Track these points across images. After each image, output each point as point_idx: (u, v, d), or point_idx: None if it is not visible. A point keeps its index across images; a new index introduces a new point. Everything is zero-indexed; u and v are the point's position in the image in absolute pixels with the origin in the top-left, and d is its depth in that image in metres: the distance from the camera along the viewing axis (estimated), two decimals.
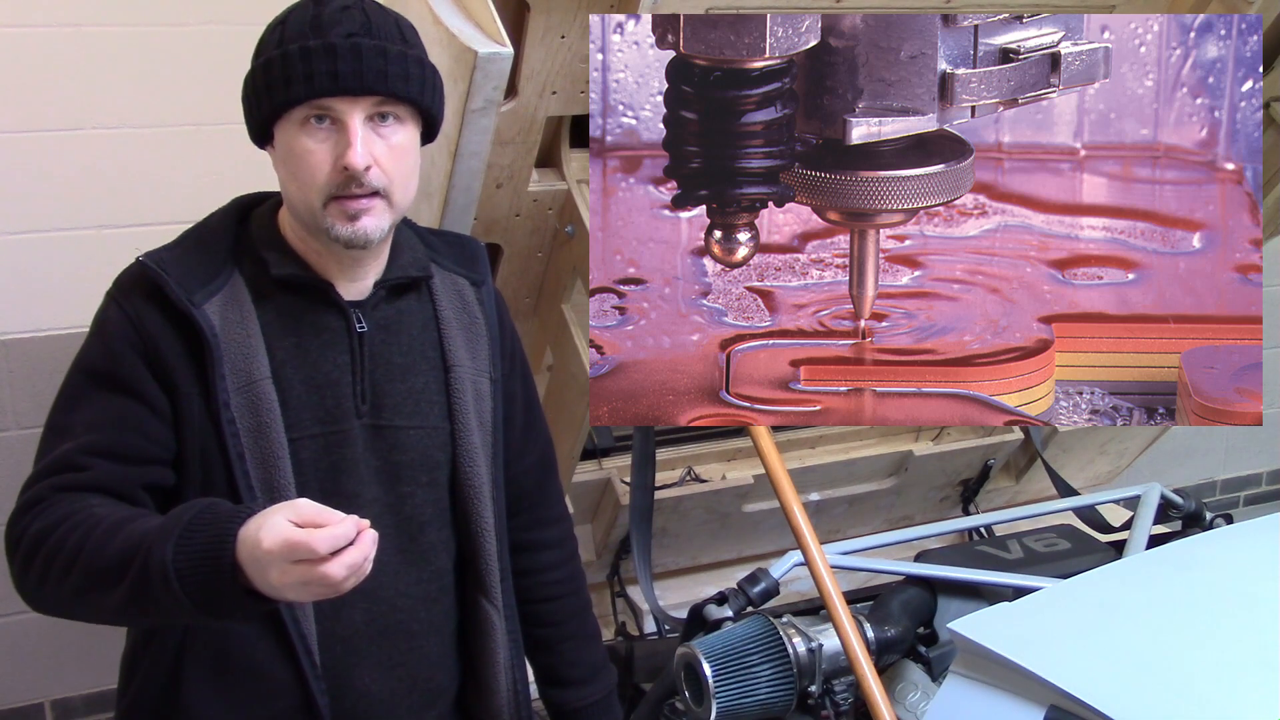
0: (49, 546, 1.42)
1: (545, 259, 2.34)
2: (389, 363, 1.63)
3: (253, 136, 1.58)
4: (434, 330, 1.67)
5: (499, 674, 1.73)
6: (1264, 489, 4.89)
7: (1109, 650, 1.62)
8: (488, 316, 1.74)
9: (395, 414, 1.63)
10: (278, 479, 1.53)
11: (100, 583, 1.38)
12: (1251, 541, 1.97)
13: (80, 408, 1.53)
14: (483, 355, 1.72)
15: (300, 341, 1.58)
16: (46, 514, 1.45)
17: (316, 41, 1.47)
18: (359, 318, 1.60)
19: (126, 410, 1.51)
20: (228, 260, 1.58)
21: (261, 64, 1.51)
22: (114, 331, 1.53)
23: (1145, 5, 2.41)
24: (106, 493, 1.48)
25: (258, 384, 1.53)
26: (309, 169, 1.50)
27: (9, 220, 2.90)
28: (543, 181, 2.19)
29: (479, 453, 1.68)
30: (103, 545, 1.38)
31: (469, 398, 1.68)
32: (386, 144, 1.52)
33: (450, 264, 1.73)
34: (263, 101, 1.51)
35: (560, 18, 1.94)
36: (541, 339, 2.46)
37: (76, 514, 1.43)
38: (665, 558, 2.68)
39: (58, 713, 3.20)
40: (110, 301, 1.57)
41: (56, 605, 1.48)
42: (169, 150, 2.96)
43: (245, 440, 1.52)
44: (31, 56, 2.84)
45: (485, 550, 1.70)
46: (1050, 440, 2.92)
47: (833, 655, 1.82)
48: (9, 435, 2.99)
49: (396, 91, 1.50)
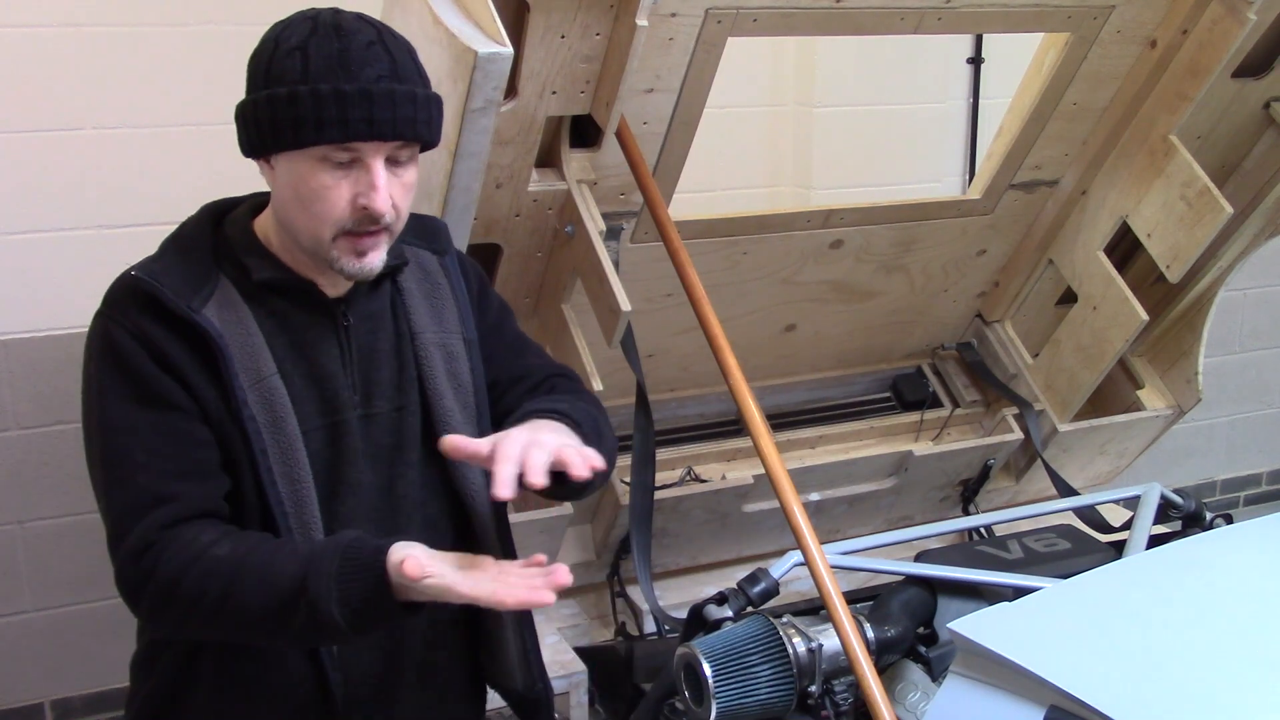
0: (184, 596, 1.47)
1: (545, 259, 2.34)
2: (374, 350, 1.66)
3: (246, 150, 1.56)
4: (402, 308, 1.70)
5: (506, 634, 1.75)
6: (1264, 489, 4.89)
7: (1109, 650, 1.62)
8: (453, 281, 1.75)
9: (382, 400, 1.66)
10: (296, 471, 1.56)
11: (254, 627, 1.49)
12: (1251, 541, 1.97)
13: (132, 437, 1.52)
14: (451, 318, 1.72)
15: (293, 339, 1.60)
16: (166, 559, 1.48)
17: (351, 86, 1.46)
18: (344, 313, 1.63)
19: (175, 426, 1.52)
20: (212, 266, 1.59)
21: (285, 96, 1.48)
22: (126, 351, 1.52)
23: (1145, 5, 2.42)
24: (204, 515, 1.52)
25: (267, 379, 1.55)
26: (325, 205, 1.51)
27: (9, 220, 2.90)
28: (543, 181, 2.18)
29: (455, 416, 1.69)
30: (250, 597, 1.46)
31: (438, 362, 1.69)
32: (400, 182, 1.54)
33: (414, 239, 1.73)
34: (284, 134, 1.49)
35: (560, 18, 1.94)
36: (541, 339, 2.46)
37: (200, 560, 1.47)
38: (665, 558, 2.68)
39: (58, 713, 3.20)
40: (108, 323, 1.54)
41: (199, 635, 1.57)
42: (169, 150, 2.96)
43: (266, 436, 1.54)
44: (31, 56, 2.84)
45: (479, 512, 1.71)
46: (1050, 440, 2.92)
47: (833, 655, 1.82)
48: (9, 435, 2.99)
49: (421, 136, 1.53)
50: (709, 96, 2.24)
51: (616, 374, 2.36)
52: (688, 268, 2.12)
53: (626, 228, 2.40)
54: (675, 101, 2.21)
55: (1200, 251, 2.58)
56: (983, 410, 3.04)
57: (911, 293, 2.86)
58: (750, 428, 2.01)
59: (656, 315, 2.54)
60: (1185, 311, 3.04)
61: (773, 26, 2.17)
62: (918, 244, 2.75)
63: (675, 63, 2.14)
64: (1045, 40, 2.53)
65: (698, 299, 2.10)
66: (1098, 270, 2.74)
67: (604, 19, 1.97)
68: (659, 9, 2.00)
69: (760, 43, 3.49)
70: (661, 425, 2.65)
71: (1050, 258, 2.87)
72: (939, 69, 3.80)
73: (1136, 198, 2.64)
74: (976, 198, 2.73)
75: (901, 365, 3.05)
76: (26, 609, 3.10)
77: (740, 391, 2.03)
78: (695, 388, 2.80)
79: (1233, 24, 2.39)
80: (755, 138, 3.69)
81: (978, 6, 2.29)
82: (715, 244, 2.51)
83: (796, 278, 2.68)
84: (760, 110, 3.68)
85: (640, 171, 2.15)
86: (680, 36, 2.10)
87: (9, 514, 3.04)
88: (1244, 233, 2.93)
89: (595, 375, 2.24)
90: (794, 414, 2.93)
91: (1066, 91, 2.54)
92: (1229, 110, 2.73)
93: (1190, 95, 2.51)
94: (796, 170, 3.72)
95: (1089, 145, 2.69)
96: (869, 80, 3.66)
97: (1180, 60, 2.50)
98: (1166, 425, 3.09)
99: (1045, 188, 2.77)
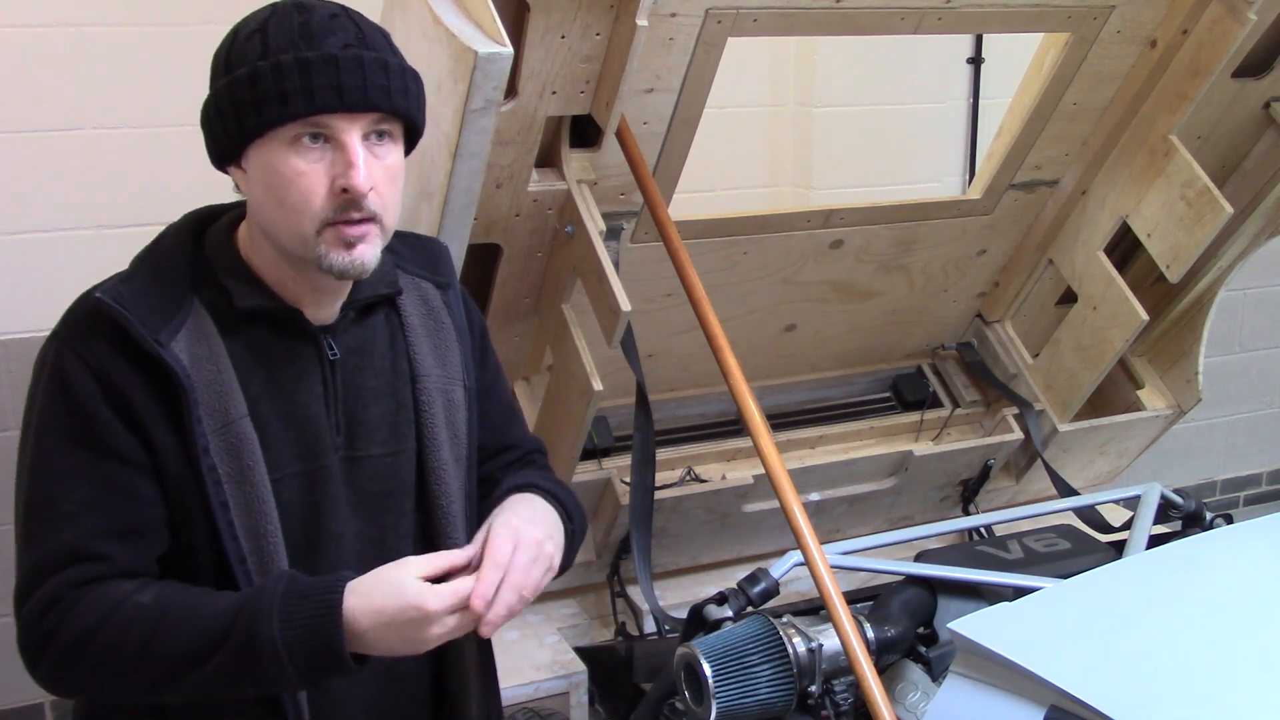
0: (100, 646, 1.36)
1: (545, 259, 2.34)
2: (361, 388, 1.53)
3: (216, 157, 1.44)
4: (402, 341, 1.58)
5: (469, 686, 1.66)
6: (1264, 489, 4.89)
7: (1109, 650, 1.62)
8: (456, 320, 1.64)
9: (369, 442, 1.53)
10: (264, 525, 1.43)
11: (179, 670, 1.36)
12: (1251, 541, 1.97)
13: (66, 483, 1.39)
14: (454, 362, 1.61)
15: (271, 374, 1.47)
16: (76, 614, 1.37)
17: (313, 53, 1.35)
18: (330, 344, 1.51)
19: (116, 477, 1.39)
20: (187, 290, 1.44)
21: (244, 75, 1.36)
22: (79, 387, 1.38)
23: (1145, 5, 2.42)
24: (127, 577, 1.40)
25: (235, 424, 1.41)
26: (301, 192, 1.37)
27: (9, 220, 2.90)
28: (543, 181, 2.18)
29: (449, 470, 1.59)
30: (177, 636, 1.35)
31: (439, 410, 1.58)
32: (382, 165, 1.41)
33: (415, 268, 1.63)
34: (246, 118, 1.36)
35: (560, 18, 1.94)
36: (541, 339, 2.46)
37: (120, 609, 1.36)
38: (665, 558, 2.68)
39: (58, 713, 3.20)
40: (63, 350, 1.41)
41: (111, 691, 1.43)
42: (169, 150, 2.96)
43: (228, 487, 1.41)
44: (31, 56, 2.84)
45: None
46: (1050, 440, 2.92)
47: (833, 655, 1.81)
48: (9, 435, 2.99)
49: (398, 107, 1.41)
50: (709, 96, 2.24)
51: (616, 374, 2.36)
52: (688, 268, 2.12)
53: (626, 228, 2.40)
54: (675, 101, 2.21)
55: (1200, 251, 2.58)
56: (983, 410, 3.04)
57: (911, 293, 2.86)
58: (750, 428, 2.01)
59: (656, 315, 2.54)
60: (1185, 311, 3.04)
61: (773, 26, 2.17)
62: (918, 244, 2.75)
63: (675, 63, 2.14)
64: (1045, 40, 2.53)
65: (698, 299, 2.10)
66: (1098, 270, 2.74)
67: (604, 19, 1.97)
68: (659, 9, 2.00)
69: (760, 43, 3.49)
70: (661, 425, 2.65)
71: (1050, 258, 2.87)
72: (939, 69, 3.80)
73: (1136, 198, 2.64)
74: (976, 198, 2.73)
75: (901, 365, 3.05)
76: None
77: (740, 391, 2.03)
78: (695, 388, 2.80)
79: (1233, 24, 2.39)
80: (755, 138, 3.69)
81: (978, 6, 2.29)
82: (715, 244, 2.51)
83: (796, 278, 2.68)
84: (760, 110, 3.68)
85: (640, 171, 2.15)
86: (680, 36, 2.10)
87: (8, 514, 3.03)
88: (1244, 233, 2.93)
89: (595, 375, 2.24)
90: (794, 414, 2.93)
91: (1066, 91, 2.54)
92: (1229, 110, 2.73)
93: (1190, 95, 2.51)
94: (796, 170, 3.72)
95: (1089, 145, 2.69)
96: (869, 80, 3.66)
97: (1180, 60, 2.50)
98: (1166, 425, 3.09)
99: (1045, 188, 2.77)
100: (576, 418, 2.32)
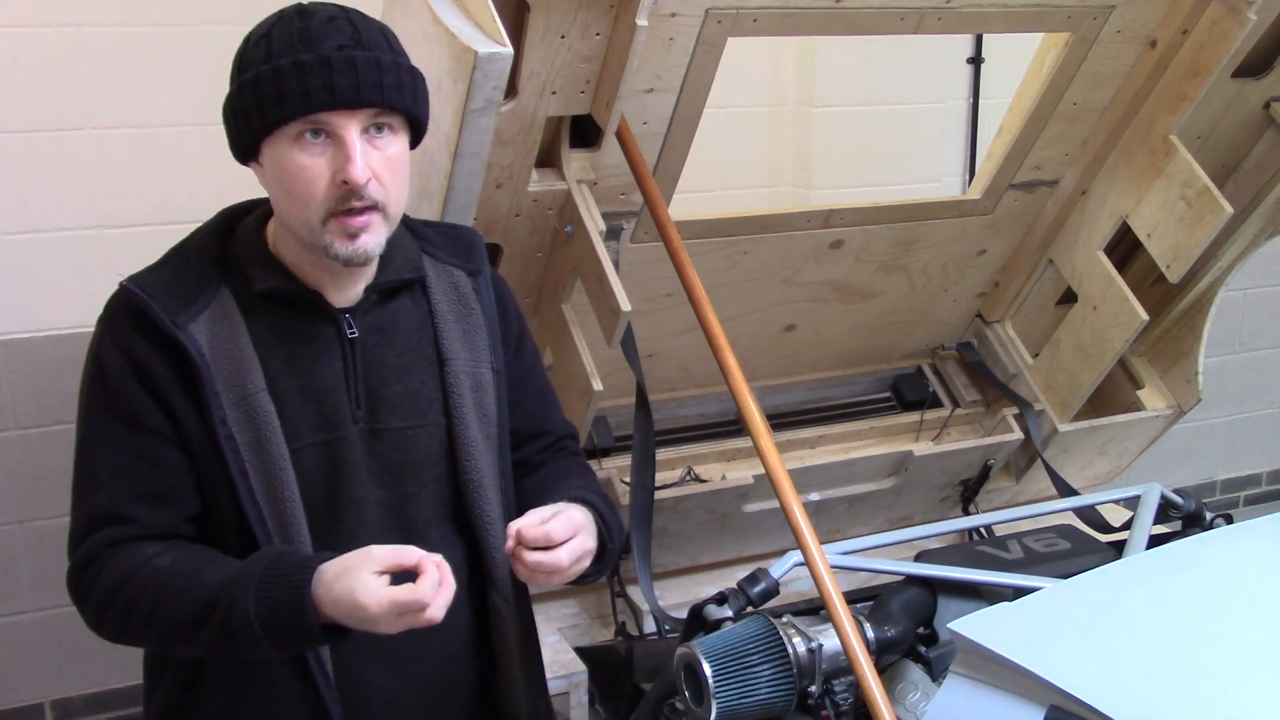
0: (121, 604, 1.51)
1: (545, 259, 2.34)
2: (382, 365, 1.64)
3: (237, 154, 1.57)
4: (430, 327, 1.68)
5: (513, 665, 1.74)
6: (1264, 489, 4.89)
7: (1109, 650, 1.62)
8: (485, 306, 1.73)
9: (391, 416, 1.63)
10: (281, 490, 1.54)
11: (181, 634, 1.50)
12: (1251, 541, 1.97)
13: (102, 451, 1.55)
14: (482, 345, 1.71)
15: (292, 352, 1.58)
16: (107, 571, 1.52)
17: (309, 55, 1.46)
18: (349, 323, 1.61)
19: (147, 446, 1.54)
20: (213, 276, 1.58)
21: (250, 79, 1.49)
22: (112, 366, 1.54)
23: (1145, 5, 2.42)
24: (158, 538, 1.54)
25: (253, 397, 1.54)
26: (305, 185, 1.50)
27: (9, 220, 2.91)
28: (543, 181, 2.18)
29: (478, 447, 1.68)
30: (177, 602, 1.49)
31: (466, 391, 1.68)
32: (382, 155, 1.52)
33: (445, 255, 1.73)
34: (253, 118, 1.49)
35: (560, 18, 1.94)
36: (541, 339, 2.46)
37: (141, 571, 1.51)
38: (665, 558, 2.68)
39: (58, 713, 3.20)
40: (104, 333, 1.57)
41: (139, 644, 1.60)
42: (169, 150, 2.97)
43: (246, 454, 1.53)
44: (31, 56, 2.84)
45: (492, 544, 1.69)
46: (1050, 440, 2.92)
47: (833, 655, 1.82)
48: (9, 435, 2.99)
49: (392, 102, 1.51)
50: (709, 96, 2.24)
51: (616, 374, 2.36)
52: (688, 268, 2.12)
53: (626, 228, 2.40)
54: (675, 101, 2.21)
55: (1200, 251, 2.58)
56: (983, 410, 3.04)
57: (911, 293, 2.86)
58: (750, 428, 2.01)
59: (656, 315, 2.54)
60: (1185, 311, 3.04)
61: (773, 26, 2.17)
62: (918, 244, 2.75)
63: (675, 63, 2.14)
64: (1045, 40, 2.53)
65: (698, 299, 2.10)
66: (1098, 270, 2.74)
67: (604, 19, 1.97)
68: (659, 9, 2.00)
69: (760, 43, 3.49)
70: (661, 425, 2.65)
71: (1050, 258, 2.87)
72: (939, 69, 3.80)
73: (1136, 198, 2.64)
74: (976, 198, 2.73)
75: (901, 365, 3.05)
76: (26, 609, 3.10)
77: (740, 391, 2.03)
78: (695, 388, 2.80)
79: (1233, 24, 2.39)
80: (755, 138, 3.69)
81: (978, 6, 2.29)
82: (715, 244, 2.51)
83: (796, 278, 2.68)
84: (760, 110, 3.68)
85: (640, 171, 2.15)
86: (680, 36, 2.10)
87: (9, 514, 3.04)
88: (1244, 233, 2.93)
89: (595, 375, 2.24)
90: (794, 414, 2.93)
91: (1066, 91, 2.54)
92: (1229, 110, 2.73)
93: (1190, 95, 2.51)
94: (796, 170, 3.72)
95: (1089, 145, 2.69)
96: (869, 80, 3.66)
97: (1180, 60, 2.50)
98: (1166, 425, 3.09)
99: (1045, 188, 2.77)
100: (577, 418, 2.32)
